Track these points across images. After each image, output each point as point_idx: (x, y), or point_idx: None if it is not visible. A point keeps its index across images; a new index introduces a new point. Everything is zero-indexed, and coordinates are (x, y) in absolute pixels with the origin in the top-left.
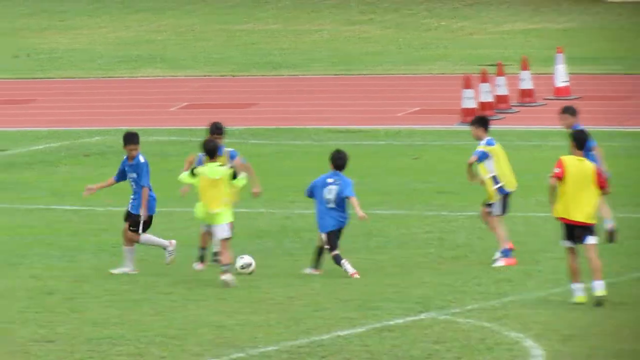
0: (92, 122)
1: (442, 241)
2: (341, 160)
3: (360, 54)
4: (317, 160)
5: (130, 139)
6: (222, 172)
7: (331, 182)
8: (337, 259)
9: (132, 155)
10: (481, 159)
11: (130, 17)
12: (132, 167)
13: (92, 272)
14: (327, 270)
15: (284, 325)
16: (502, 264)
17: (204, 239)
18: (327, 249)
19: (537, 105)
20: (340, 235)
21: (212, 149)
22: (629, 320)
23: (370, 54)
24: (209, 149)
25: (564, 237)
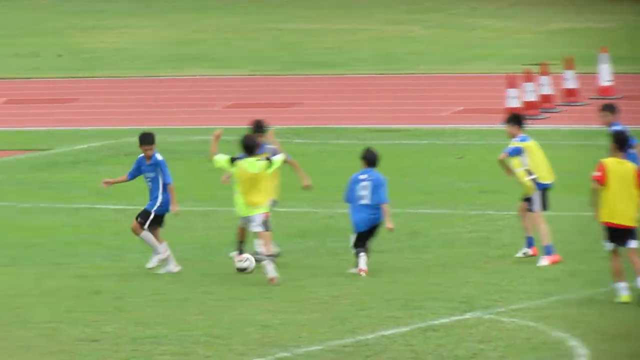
0: (135, 121)
1: (487, 240)
2: (373, 156)
3: (404, 54)
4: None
5: (144, 139)
6: (260, 166)
7: (364, 178)
8: (357, 250)
9: (149, 155)
10: (513, 154)
11: (174, 17)
12: (150, 167)
13: (137, 271)
14: (371, 269)
15: (328, 324)
16: (545, 263)
17: (241, 233)
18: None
19: (581, 104)
20: (374, 233)
21: (251, 145)
22: None
23: (414, 54)
24: (248, 145)
25: (607, 239)
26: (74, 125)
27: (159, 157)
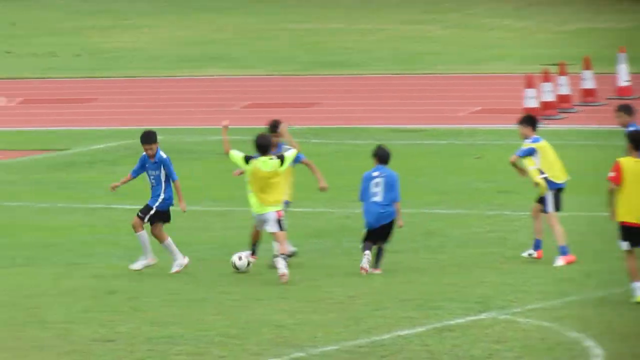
0: (152, 121)
1: (504, 240)
2: (385, 153)
3: (422, 54)
4: None
5: (145, 138)
6: (273, 164)
7: (377, 174)
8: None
9: (150, 153)
10: (524, 155)
11: (193, 17)
12: (155, 165)
13: (153, 272)
14: (387, 269)
15: (344, 324)
16: (561, 263)
17: (255, 235)
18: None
19: (599, 104)
20: (385, 232)
21: (265, 144)
22: None
23: (431, 54)
24: (262, 144)
25: (623, 239)
26: (91, 125)
27: (163, 155)
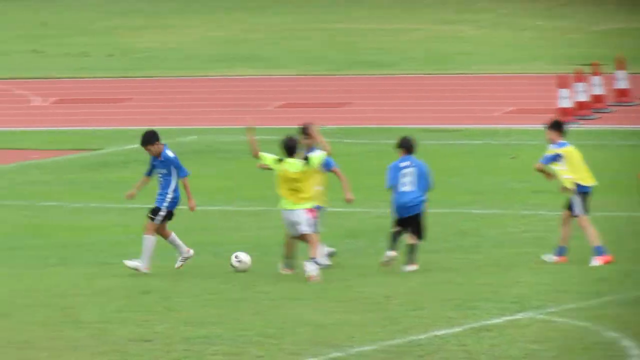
0: (185, 121)
1: (539, 240)
2: (411, 143)
3: (455, 54)
4: None
5: (141, 141)
6: (300, 166)
7: (406, 165)
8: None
9: (153, 153)
10: (548, 162)
11: (226, 16)
12: (162, 164)
13: (188, 271)
14: (423, 269)
15: (380, 324)
16: (598, 263)
17: (288, 247)
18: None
19: (633, 104)
20: (415, 224)
21: (292, 145)
22: None
23: (465, 54)
24: (288, 146)
25: None
26: (125, 125)
27: (170, 153)
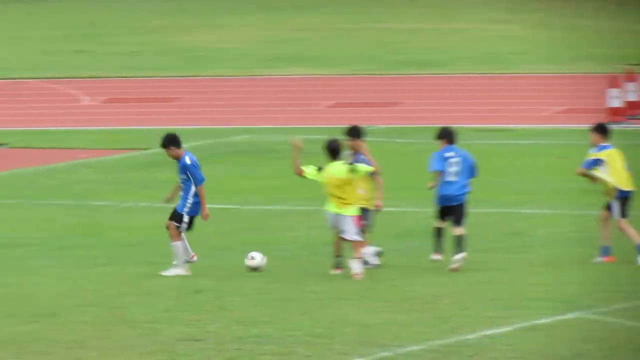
0: (236, 120)
1: (590, 240)
2: (452, 133)
3: (505, 53)
4: None
5: (161, 142)
6: (344, 172)
7: (452, 155)
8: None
9: (171, 157)
10: (589, 167)
11: (276, 16)
12: (181, 169)
13: (239, 271)
14: (472, 269)
15: (429, 323)
16: None
17: (337, 246)
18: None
19: None
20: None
21: (335, 148)
22: None
23: (515, 53)
24: (332, 149)
25: None
26: (175, 124)
27: (187, 160)
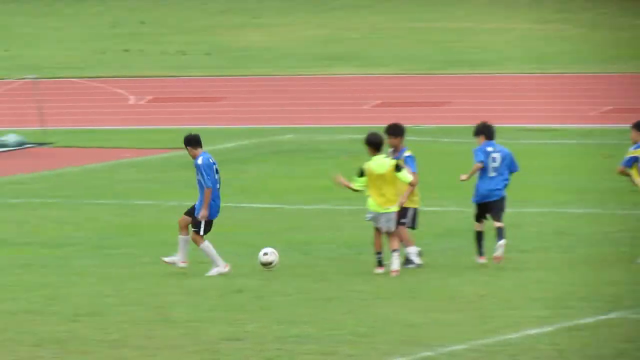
0: (283, 120)
1: (636, 240)
2: (491, 129)
3: (553, 53)
4: None
5: (184, 142)
6: (387, 164)
7: (492, 150)
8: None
9: (191, 156)
10: (626, 164)
11: (323, 15)
12: (196, 169)
13: (282, 270)
14: (517, 268)
15: (472, 323)
16: None
17: (377, 243)
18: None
19: None
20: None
21: (378, 141)
22: None
23: (563, 53)
24: (374, 142)
25: None
26: (222, 123)
27: (199, 160)
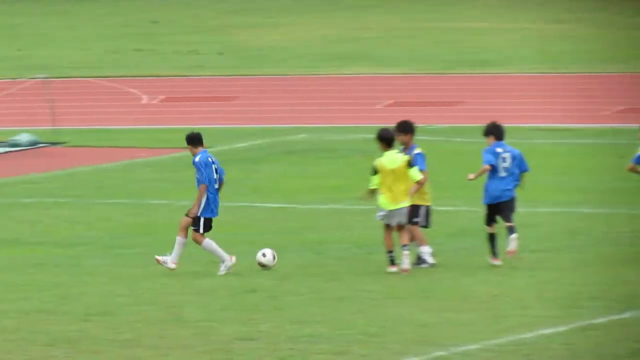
0: (296, 119)
1: None
2: (501, 130)
3: (566, 53)
4: None
5: (186, 140)
6: (399, 160)
7: (502, 151)
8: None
9: (192, 154)
10: (637, 162)
11: (336, 15)
12: (194, 167)
13: (294, 270)
14: (530, 267)
15: (486, 323)
16: None
17: (388, 242)
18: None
19: None
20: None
21: (389, 137)
22: None
23: (576, 52)
24: (386, 137)
25: None
26: (234, 123)
27: (197, 158)
